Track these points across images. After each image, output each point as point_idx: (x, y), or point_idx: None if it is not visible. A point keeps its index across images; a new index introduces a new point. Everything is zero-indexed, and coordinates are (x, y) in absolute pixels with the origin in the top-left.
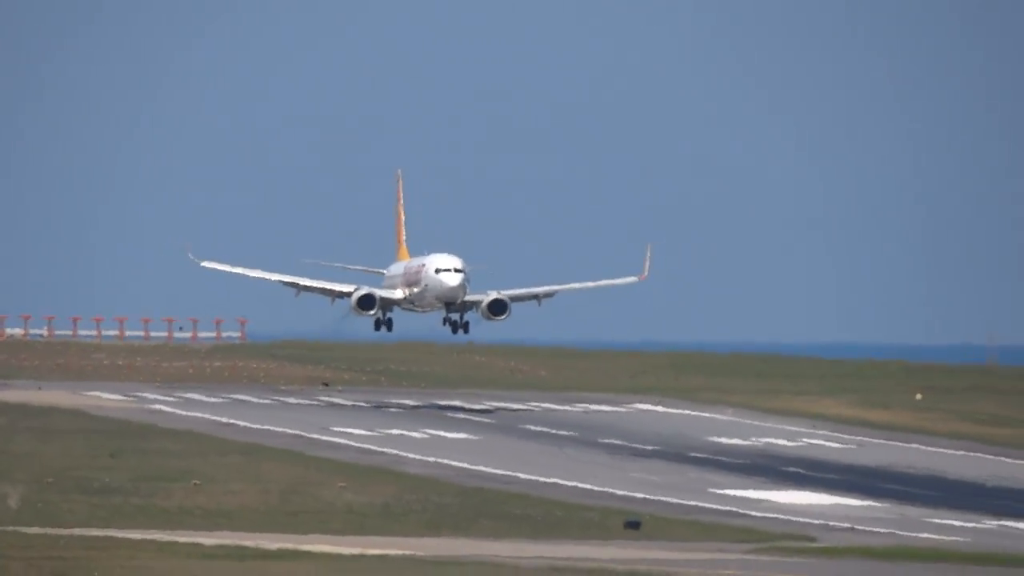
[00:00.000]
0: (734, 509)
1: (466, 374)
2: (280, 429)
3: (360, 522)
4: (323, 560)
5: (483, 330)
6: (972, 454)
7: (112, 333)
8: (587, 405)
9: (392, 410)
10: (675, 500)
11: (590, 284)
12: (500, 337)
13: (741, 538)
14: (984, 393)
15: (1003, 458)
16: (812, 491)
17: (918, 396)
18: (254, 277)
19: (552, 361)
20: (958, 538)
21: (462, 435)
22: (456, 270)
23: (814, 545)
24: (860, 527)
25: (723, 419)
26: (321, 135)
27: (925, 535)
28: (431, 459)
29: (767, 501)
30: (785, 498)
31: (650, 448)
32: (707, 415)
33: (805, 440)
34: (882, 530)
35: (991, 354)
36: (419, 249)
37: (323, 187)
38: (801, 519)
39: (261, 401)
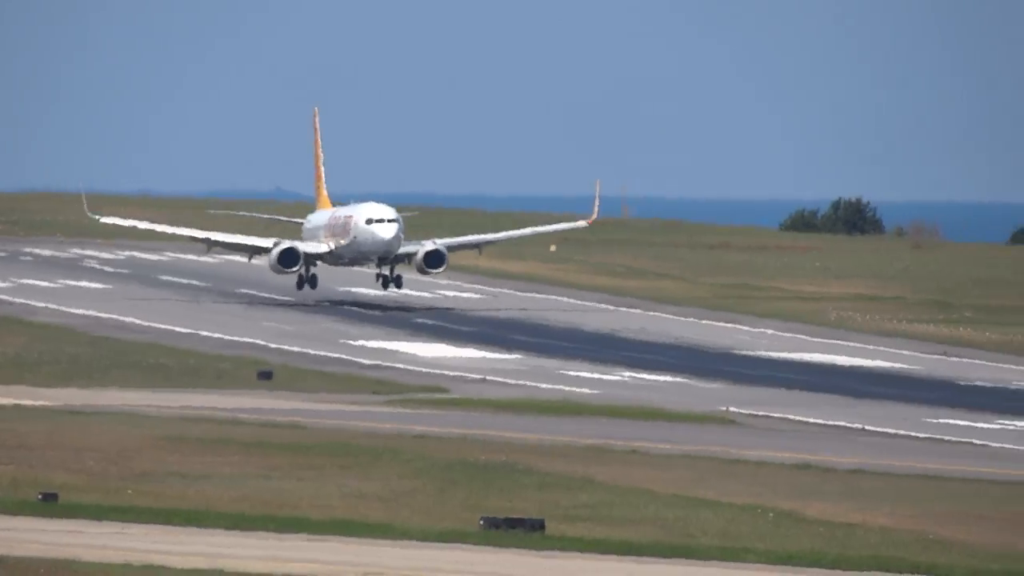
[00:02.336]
0: (367, 360)
1: (101, 226)
2: None
3: None
4: None
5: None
6: (604, 306)
7: None
8: (223, 256)
9: (25, 259)
10: (308, 350)
11: (534, 231)
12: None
13: (374, 389)
14: (618, 245)
15: (635, 309)
16: (446, 343)
17: (552, 248)
18: (159, 232)
19: (192, 212)
20: (587, 390)
21: (96, 284)
22: (390, 220)
23: (446, 396)
24: (493, 378)
25: (356, 269)
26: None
27: (558, 387)
28: (63, 308)
29: (401, 352)
30: (419, 350)
31: (284, 299)
32: (342, 266)
33: (441, 292)
34: (513, 381)
35: (624, 206)
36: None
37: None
38: (435, 371)
39: None
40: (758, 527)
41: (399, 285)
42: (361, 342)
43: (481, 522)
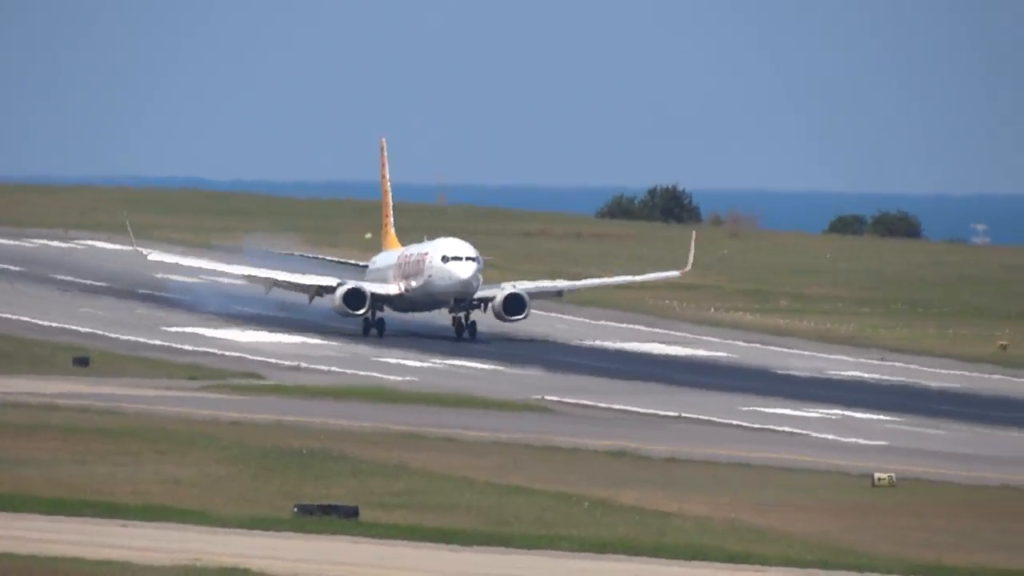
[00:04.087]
0: (183, 346)
1: None
2: None
3: None
4: None
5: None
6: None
7: None
8: (38, 240)
9: None
10: (124, 336)
11: (626, 279)
12: None
13: (191, 374)
14: (434, 232)
15: None
16: (262, 329)
17: (368, 235)
18: (215, 271)
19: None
20: (402, 377)
21: None
22: (468, 258)
23: (262, 383)
24: (308, 365)
25: (171, 260)
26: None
27: (373, 373)
28: None
29: (218, 339)
30: (236, 336)
31: (100, 284)
32: (155, 252)
33: None
34: (329, 368)
35: (440, 192)
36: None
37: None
38: (251, 356)
39: None
40: (573, 514)
41: (473, 334)
42: (177, 328)
43: (295, 509)
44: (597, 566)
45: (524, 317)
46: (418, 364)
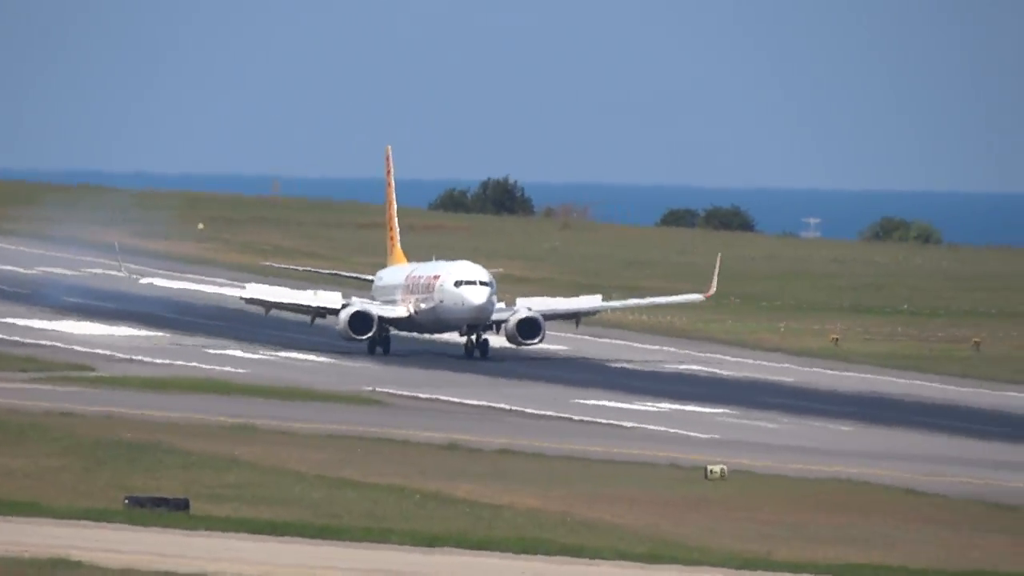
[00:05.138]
0: (16, 338)
1: None
2: None
3: None
4: None
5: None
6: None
7: None
8: None
9: None
10: None
11: (650, 301)
12: None
13: (22, 367)
14: (267, 223)
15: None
16: (94, 321)
17: (200, 226)
18: (209, 293)
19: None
20: (234, 368)
21: None
22: (482, 283)
23: (94, 375)
24: (140, 358)
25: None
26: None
27: (205, 365)
28: None
29: (49, 331)
30: (67, 328)
31: None
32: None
33: (87, 270)
34: (161, 360)
35: (275, 183)
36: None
37: None
38: (83, 348)
39: None
40: (404, 508)
41: (485, 353)
42: (10, 320)
43: (126, 501)
44: (428, 559)
45: (540, 341)
46: (251, 356)
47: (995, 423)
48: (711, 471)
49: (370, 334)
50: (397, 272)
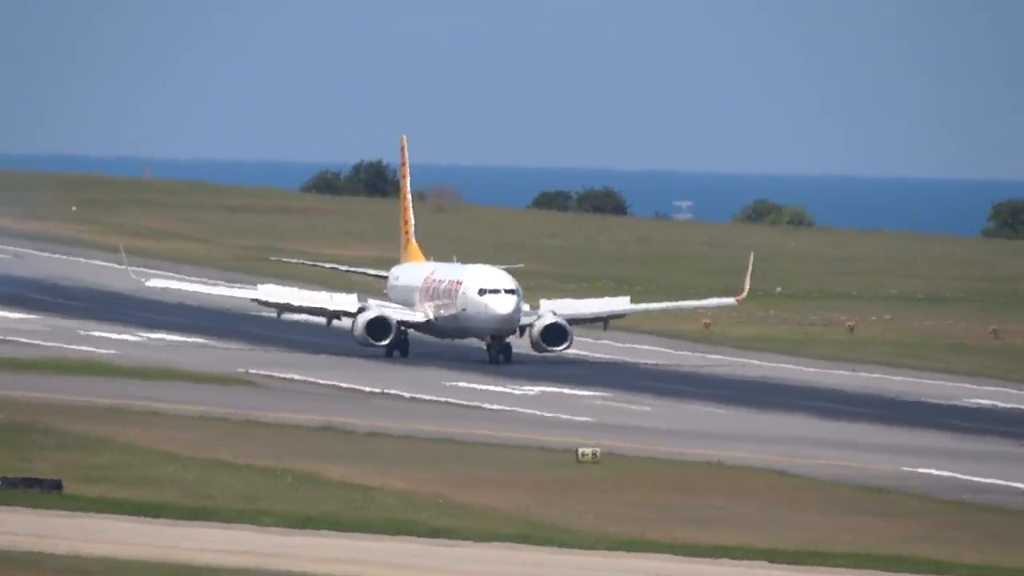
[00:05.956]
0: None
1: None
2: None
3: None
4: None
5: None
6: (121, 267)
7: None
8: None
9: None
10: None
11: (682, 304)
12: None
13: None
14: (140, 206)
15: (154, 270)
16: None
17: (73, 208)
18: (216, 295)
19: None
20: (107, 350)
21: None
22: (508, 291)
23: None
24: (13, 338)
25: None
26: None
27: (78, 347)
28: None
29: None
30: None
31: None
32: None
33: None
34: (34, 342)
35: (147, 167)
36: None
37: None
38: None
39: None
40: (277, 489)
41: (508, 357)
42: None
43: None
44: (302, 540)
45: (567, 347)
46: (123, 337)
47: (867, 405)
48: (583, 454)
49: (388, 340)
50: (415, 272)
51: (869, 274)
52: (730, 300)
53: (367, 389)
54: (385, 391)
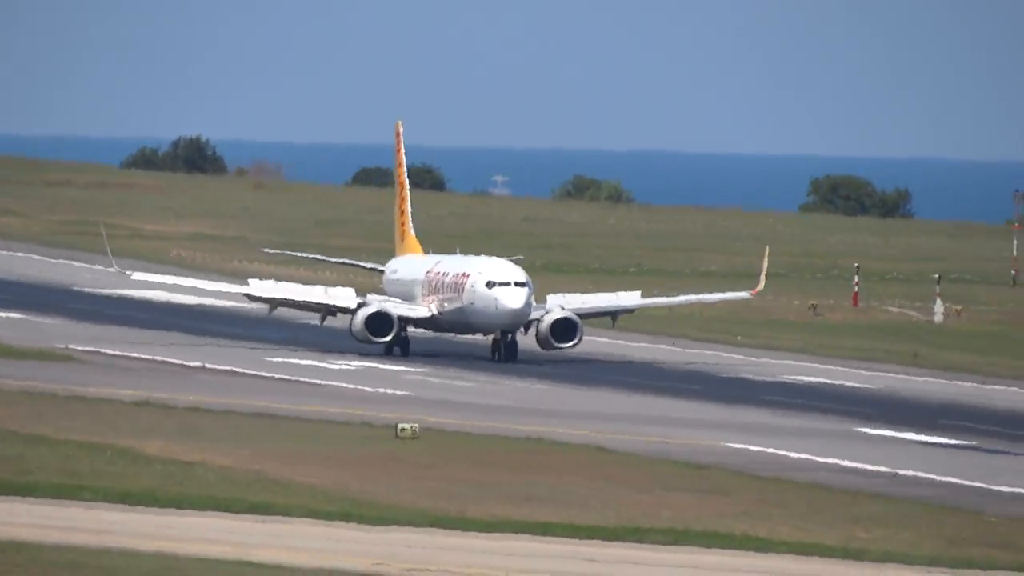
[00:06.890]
0: None
1: None
2: None
3: None
4: None
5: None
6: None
7: None
8: None
9: None
10: None
11: (695, 298)
12: None
13: None
14: None
15: None
16: None
17: None
18: (206, 290)
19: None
20: None
21: None
22: (518, 284)
23: None
24: None
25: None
26: None
27: None
28: None
29: None
30: None
31: None
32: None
33: None
34: None
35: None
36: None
37: None
38: None
39: None
40: (96, 464)
41: (514, 355)
42: None
43: None
44: (122, 517)
45: (576, 343)
46: None
47: (686, 381)
48: (402, 429)
49: (390, 336)
50: (414, 265)
51: (687, 250)
52: (744, 293)
53: (188, 364)
54: (205, 365)
